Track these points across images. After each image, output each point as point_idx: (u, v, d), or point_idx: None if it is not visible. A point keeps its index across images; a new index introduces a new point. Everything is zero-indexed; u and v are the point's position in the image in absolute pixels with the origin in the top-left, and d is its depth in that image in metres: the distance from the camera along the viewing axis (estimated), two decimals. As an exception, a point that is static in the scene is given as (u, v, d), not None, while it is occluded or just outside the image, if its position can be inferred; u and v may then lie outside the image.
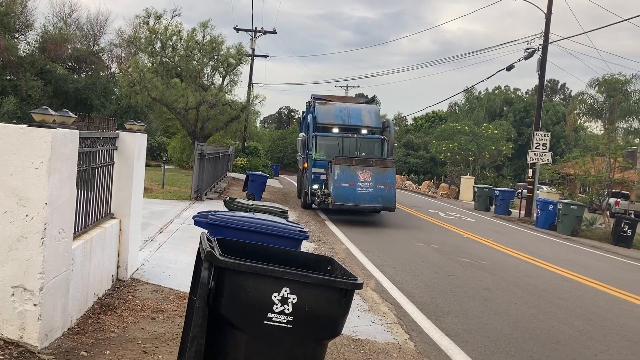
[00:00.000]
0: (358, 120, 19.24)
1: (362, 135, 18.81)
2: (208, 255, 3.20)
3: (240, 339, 3.24)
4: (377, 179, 15.99)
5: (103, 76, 36.20)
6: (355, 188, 15.80)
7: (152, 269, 7.54)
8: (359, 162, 16.30)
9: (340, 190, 15.76)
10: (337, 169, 15.94)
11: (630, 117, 36.24)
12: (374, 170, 16.09)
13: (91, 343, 4.71)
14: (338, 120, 19.04)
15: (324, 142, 18.55)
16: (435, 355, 5.83)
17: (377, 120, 19.68)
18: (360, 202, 15.86)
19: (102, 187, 6.21)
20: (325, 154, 18.16)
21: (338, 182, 15.80)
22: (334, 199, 15.73)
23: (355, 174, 15.92)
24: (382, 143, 18.66)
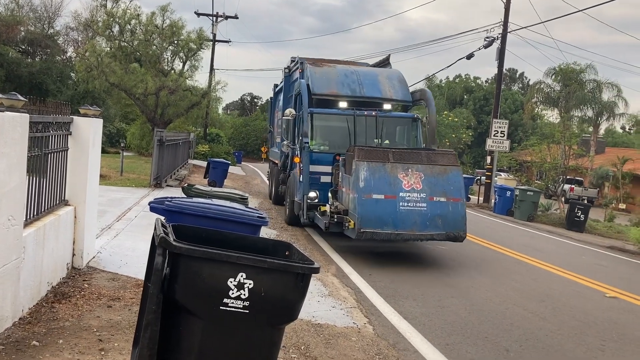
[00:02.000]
0: (375, 90, 12.99)
1: (384, 113, 12.48)
2: (162, 241, 3.15)
3: (195, 325, 3.21)
4: (433, 186, 9.47)
5: (59, 60, 35.13)
6: (397, 203, 9.21)
7: (109, 257, 7.41)
8: (400, 157, 9.72)
9: (370, 208, 9.14)
10: (363, 169, 9.33)
11: (585, 105, 37.27)
12: (428, 171, 9.55)
13: (44, 332, 4.61)
14: (345, 89, 12.80)
15: (325, 123, 12.31)
16: (393, 338, 5.93)
17: (404, 90, 13.25)
18: (406, 226, 9.18)
19: (56, 173, 6.05)
20: (328, 142, 12.21)
21: (366, 191, 9.21)
22: (361, 222, 9.05)
23: (395, 178, 9.36)
24: (416, 125, 12.62)
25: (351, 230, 9.36)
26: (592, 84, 36.95)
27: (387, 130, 12.48)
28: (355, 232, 9.11)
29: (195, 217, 4.93)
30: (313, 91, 12.62)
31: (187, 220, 4.83)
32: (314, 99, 12.55)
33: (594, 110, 37.83)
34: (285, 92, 15.80)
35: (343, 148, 11.31)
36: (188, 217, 4.93)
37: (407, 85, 13.57)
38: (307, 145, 11.55)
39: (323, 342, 5.48)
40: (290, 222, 12.69)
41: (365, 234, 9.07)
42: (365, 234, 9.07)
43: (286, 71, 15.93)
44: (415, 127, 12.73)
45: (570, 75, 36.39)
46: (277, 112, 17.48)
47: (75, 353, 4.26)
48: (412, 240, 9.84)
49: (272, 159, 18.06)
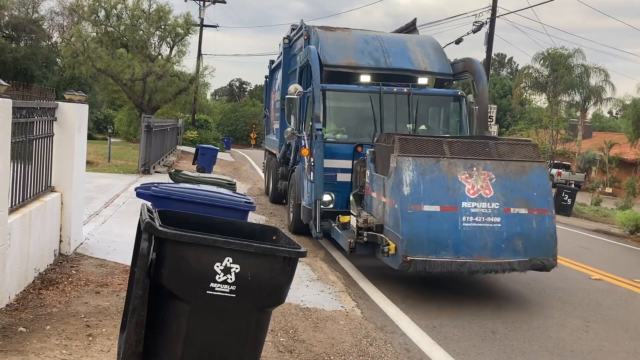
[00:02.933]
0: (405, 59, 10.04)
1: (419, 90, 9.63)
2: (147, 226, 3.15)
3: (182, 309, 3.22)
4: (509, 192, 6.77)
5: (44, 46, 34.67)
6: (459, 217, 6.55)
7: (97, 243, 7.39)
8: (460, 149, 6.97)
9: (420, 225, 6.50)
10: (408, 169, 6.65)
11: (573, 90, 37.40)
12: (500, 170, 6.88)
13: (31, 319, 4.60)
14: (365, 59, 9.88)
15: (342, 103, 9.68)
16: (381, 321, 5.98)
17: (442, 60, 10.35)
18: (473, 251, 6.51)
19: (41, 159, 6.00)
20: (346, 128, 9.62)
21: (414, 201, 6.53)
22: (408, 246, 6.39)
23: (455, 181, 6.70)
24: (460, 105, 9.66)
25: (392, 258, 6.52)
26: (580, 68, 37.06)
27: (423, 112, 9.65)
28: (399, 261, 6.30)
29: (182, 203, 4.93)
30: (325, 62, 9.57)
31: (173, 205, 4.83)
32: (326, 72, 9.55)
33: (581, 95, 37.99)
34: (284, 68, 12.99)
35: (366, 136, 9.13)
36: (175, 202, 4.93)
37: (444, 53, 10.61)
38: (319, 132, 8.65)
39: (311, 326, 5.52)
40: (296, 230, 9.92)
41: (415, 264, 6.24)
42: (414, 265, 6.24)
43: (285, 42, 12.92)
44: (458, 108, 9.69)
45: (559, 60, 36.49)
46: (273, 93, 14.92)
47: (63, 339, 4.26)
48: (481, 272, 6.68)
49: (268, 148, 15.46)
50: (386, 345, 5.26)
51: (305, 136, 9.43)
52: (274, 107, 14.41)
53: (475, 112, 9.60)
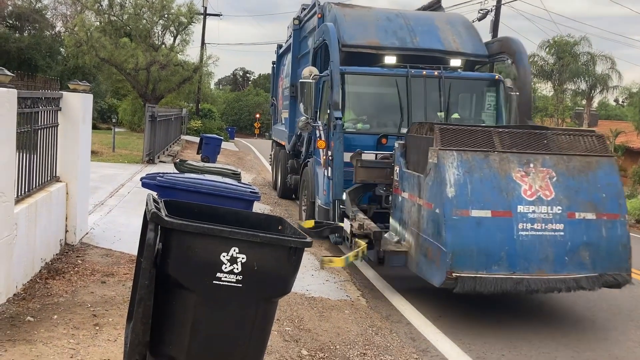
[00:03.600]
0: (434, 39, 9.09)
1: (451, 73, 8.64)
2: (153, 216, 3.14)
3: (189, 299, 3.22)
4: (573, 193, 5.77)
5: (48, 35, 34.62)
6: (514, 224, 5.53)
7: (102, 233, 7.40)
8: (513, 141, 5.92)
9: (468, 234, 5.47)
10: (452, 165, 5.61)
11: (578, 78, 37.15)
12: (561, 166, 5.85)
13: (38, 308, 4.62)
14: (390, 38, 8.94)
15: (364, 88, 8.82)
16: (386, 310, 5.99)
17: (475, 40, 9.36)
18: (531, 265, 5.50)
19: (46, 149, 6.01)
20: (367, 117, 8.59)
21: (460, 204, 5.51)
22: (454, 259, 5.36)
23: (508, 180, 5.67)
24: (497, 90, 8.70)
25: (435, 272, 5.55)
26: (586, 56, 36.77)
27: (455, 99, 8.74)
28: (444, 276, 5.34)
29: (188, 193, 4.92)
30: (343, 41, 8.58)
31: (179, 195, 4.82)
32: (344, 53, 8.50)
33: (587, 83, 37.72)
34: (294, 52, 11.97)
35: (391, 126, 8.32)
36: (180, 192, 4.92)
37: (477, 33, 9.59)
38: (339, 122, 7.72)
39: (317, 315, 5.53)
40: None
41: (463, 281, 5.28)
42: (462, 283, 5.28)
43: (295, 23, 11.87)
44: (496, 94, 8.71)
45: (564, 48, 36.22)
46: (281, 80, 14.02)
47: (70, 328, 4.29)
48: (541, 291, 5.62)
49: (276, 139, 14.45)
50: (392, 335, 5.27)
51: (321, 126, 8.55)
52: (282, 95, 13.61)
53: (515, 99, 8.58)
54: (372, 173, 7.30)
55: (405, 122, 8.06)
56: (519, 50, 8.72)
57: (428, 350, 5.05)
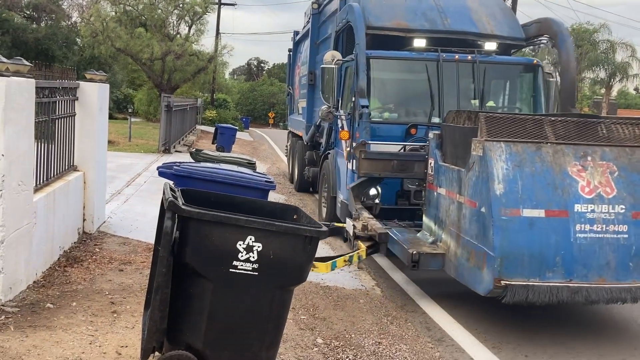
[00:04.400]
0: (466, 20, 8.50)
1: (486, 57, 8.04)
2: (171, 204, 3.17)
3: (206, 287, 3.25)
4: (637, 190, 5.03)
5: (64, 26, 34.89)
6: (570, 225, 4.85)
7: (119, 222, 7.48)
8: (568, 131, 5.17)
9: (519, 236, 4.81)
10: (500, 159, 4.93)
11: (597, 66, 36.65)
12: (624, 159, 5.10)
13: (57, 295, 4.70)
14: (419, 20, 8.36)
15: (392, 74, 8.32)
16: (401, 300, 5.99)
17: (512, 22, 8.81)
18: (590, 272, 4.82)
19: (64, 139, 6.07)
20: (395, 105, 8.10)
21: (509, 203, 4.83)
22: (503, 265, 4.72)
23: (563, 175, 4.98)
24: (536, 76, 8.12)
25: (480, 279, 4.95)
26: (606, 44, 36.24)
27: (490, 85, 8.17)
28: (491, 284, 4.78)
29: (204, 182, 4.95)
30: (368, 23, 7.97)
31: (195, 184, 4.86)
32: (369, 36, 7.87)
33: (606, 71, 37.19)
34: (312, 38, 11.42)
35: (420, 115, 7.79)
36: (196, 181, 4.95)
37: (513, 14, 8.96)
38: (365, 111, 7.15)
39: (332, 304, 5.55)
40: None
41: (513, 290, 4.72)
42: (512, 291, 4.72)
43: (314, 7, 11.30)
44: (534, 80, 8.13)
45: (583, 36, 35.71)
46: (298, 68, 13.55)
47: (89, 315, 4.35)
48: (602, 302, 4.99)
49: (292, 130, 13.94)
50: (407, 324, 5.27)
51: (344, 115, 8.01)
52: (299, 84, 13.10)
53: (554, 85, 8.11)
54: (378, 165, 6.64)
55: (437, 111, 7.58)
56: (561, 32, 8.05)
57: (443, 339, 5.05)
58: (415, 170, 6.55)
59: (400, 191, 7.38)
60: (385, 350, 4.58)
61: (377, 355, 4.48)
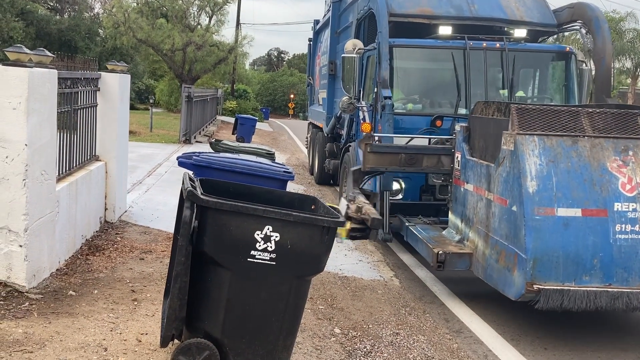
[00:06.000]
0: (494, 6, 8.14)
1: (515, 45, 7.73)
2: (190, 194, 3.19)
3: (224, 276, 3.28)
4: None
5: (87, 17, 35.22)
6: (609, 225, 4.56)
7: (140, 211, 7.57)
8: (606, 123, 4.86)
9: (555, 238, 4.53)
10: (533, 154, 4.66)
11: (623, 56, 35.94)
12: None
13: (79, 283, 4.78)
14: (444, 6, 8.02)
15: (416, 63, 8.10)
16: (419, 291, 5.98)
17: (542, 7, 8.41)
18: (631, 276, 4.53)
19: (86, 129, 6.15)
20: (419, 96, 7.89)
21: (543, 202, 4.57)
22: (536, 269, 4.48)
23: (602, 171, 4.68)
24: (569, 65, 7.86)
25: (511, 282, 4.72)
26: (632, 33, 35.49)
27: (520, 75, 7.90)
28: (522, 288, 4.53)
29: (223, 172, 4.98)
30: (392, 10, 7.61)
31: (214, 174, 4.89)
32: (392, 23, 7.50)
33: (632, 61, 36.46)
34: (333, 27, 11.18)
35: (446, 106, 7.54)
36: (215, 171, 4.99)
37: (545, 1, 8.51)
38: (388, 102, 6.87)
39: (350, 294, 5.56)
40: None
41: (547, 295, 4.46)
42: (545, 296, 4.46)
43: None
44: (566, 69, 7.81)
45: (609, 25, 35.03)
46: (318, 58, 13.28)
47: (110, 303, 4.42)
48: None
49: (312, 121, 13.65)
50: (425, 315, 5.26)
51: (365, 107, 7.74)
52: (320, 74, 12.86)
53: (587, 74, 7.81)
54: (384, 159, 6.24)
55: (463, 102, 7.30)
56: (596, 17, 7.57)
57: (461, 331, 5.03)
58: (424, 164, 6.22)
59: (425, 186, 7.17)
60: (403, 341, 4.58)
61: (394, 346, 4.49)
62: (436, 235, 6.06)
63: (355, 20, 8.90)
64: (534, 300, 4.52)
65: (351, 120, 9.02)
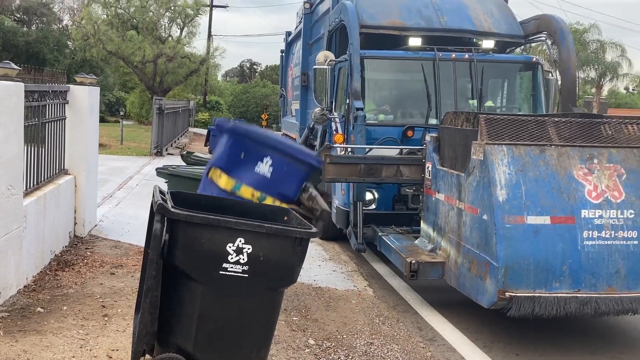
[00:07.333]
0: (463, 18, 8.27)
1: (484, 56, 7.92)
2: (160, 207, 3.17)
3: (196, 289, 3.26)
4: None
5: (55, 29, 34.75)
6: (578, 232, 4.64)
7: (111, 225, 7.47)
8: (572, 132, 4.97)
9: (525, 246, 4.60)
10: (502, 163, 4.73)
11: (588, 66, 36.88)
12: (632, 162, 4.91)
13: (48, 299, 4.68)
14: (414, 18, 8.11)
15: (387, 74, 8.23)
16: (393, 300, 6.01)
17: (509, 19, 8.51)
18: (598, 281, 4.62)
19: (54, 142, 6.06)
20: (390, 107, 7.98)
21: (513, 210, 4.63)
22: (507, 277, 4.52)
23: (569, 179, 4.77)
24: (536, 75, 8.01)
25: (483, 290, 4.76)
26: (596, 44, 36.48)
27: (488, 85, 8.04)
28: (495, 296, 4.58)
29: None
30: (362, 22, 7.68)
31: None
32: (363, 35, 7.59)
33: (597, 71, 37.45)
34: (304, 38, 11.21)
35: (417, 116, 7.62)
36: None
37: (511, 11, 8.67)
38: (360, 113, 6.91)
39: (324, 305, 5.56)
40: (328, 236, 8.15)
41: (519, 302, 4.53)
42: (517, 303, 4.53)
43: (306, 7, 11.01)
44: (533, 79, 8.01)
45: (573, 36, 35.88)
46: (291, 69, 13.37)
47: (80, 319, 4.34)
48: (612, 314, 4.79)
49: (286, 132, 13.46)
50: (398, 324, 5.29)
51: (337, 118, 7.80)
52: (292, 85, 12.84)
53: (554, 84, 7.96)
54: (344, 170, 6.28)
55: (434, 112, 7.39)
56: (561, 28, 7.76)
57: (435, 339, 5.07)
58: (384, 174, 6.24)
59: (398, 196, 7.23)
60: (377, 351, 4.60)
61: (368, 356, 4.50)
62: (409, 244, 6.10)
63: (327, 32, 8.95)
64: (506, 307, 4.56)
65: (324, 132, 8.91)
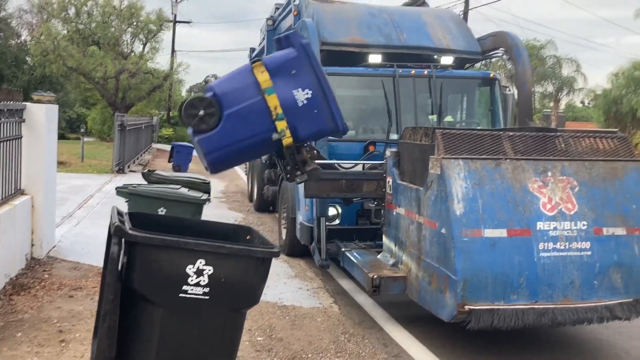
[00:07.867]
0: (422, 35, 8.45)
1: (442, 72, 8.11)
2: (117, 229, 3.10)
3: (155, 313, 3.18)
4: (598, 205, 4.96)
5: (13, 45, 34.01)
6: (534, 244, 4.72)
7: (70, 246, 7.28)
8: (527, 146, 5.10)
9: (483, 259, 4.62)
10: (459, 178, 4.76)
11: (545, 81, 37.93)
12: (584, 174, 5.02)
13: (1, 326, 4.52)
14: (374, 35, 8.25)
15: (347, 90, 8.11)
16: (358, 317, 6.00)
17: (467, 36, 8.70)
18: (555, 292, 4.70)
19: (9, 162, 5.90)
20: (352, 123, 7.73)
21: (470, 224, 4.65)
22: (466, 290, 4.54)
23: (524, 192, 4.84)
24: (493, 90, 8.25)
25: (443, 304, 4.77)
26: (552, 59, 37.59)
27: (447, 100, 8.24)
28: (454, 309, 4.59)
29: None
30: (323, 39, 7.82)
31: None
32: (324, 52, 7.72)
33: (554, 85, 38.55)
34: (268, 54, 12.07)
35: (378, 131, 7.78)
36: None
37: (469, 28, 8.95)
38: None
39: (289, 324, 5.51)
40: (293, 252, 8.18)
41: (478, 315, 4.54)
42: (476, 317, 4.54)
43: (269, 24, 11.11)
44: (491, 93, 8.24)
45: (531, 52, 36.86)
46: None
47: (35, 345, 4.19)
48: (569, 324, 4.79)
49: None
50: (364, 341, 5.27)
51: None
52: None
53: (511, 98, 8.22)
54: (325, 186, 6.30)
55: (395, 127, 7.50)
56: (516, 44, 8.03)
57: (400, 355, 5.07)
58: (364, 190, 6.32)
59: (361, 210, 7.22)
60: (343, 369, 4.57)
61: (334, 374, 4.46)
62: (371, 259, 6.08)
63: None
64: (466, 320, 4.57)
65: None
